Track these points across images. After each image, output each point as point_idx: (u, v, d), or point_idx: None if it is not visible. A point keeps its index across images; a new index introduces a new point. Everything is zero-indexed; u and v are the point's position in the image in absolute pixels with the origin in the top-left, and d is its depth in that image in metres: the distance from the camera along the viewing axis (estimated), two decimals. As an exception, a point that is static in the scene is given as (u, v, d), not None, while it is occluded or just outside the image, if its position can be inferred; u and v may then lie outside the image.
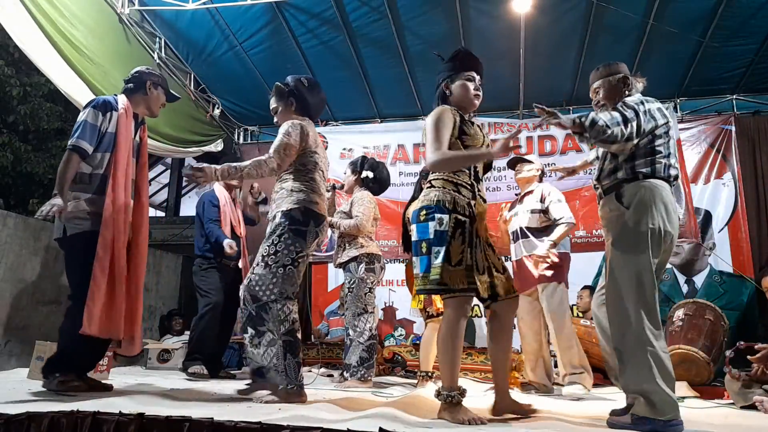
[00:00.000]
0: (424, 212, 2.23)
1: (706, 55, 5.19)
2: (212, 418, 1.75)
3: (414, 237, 2.27)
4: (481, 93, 2.42)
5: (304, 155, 2.69)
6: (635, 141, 2.17)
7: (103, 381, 2.87)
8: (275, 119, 2.86)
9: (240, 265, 4.17)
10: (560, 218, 3.49)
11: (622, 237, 2.16)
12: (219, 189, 4.19)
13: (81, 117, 2.68)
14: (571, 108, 6.06)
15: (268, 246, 2.57)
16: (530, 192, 3.69)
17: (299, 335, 2.55)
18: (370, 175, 3.86)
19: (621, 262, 2.15)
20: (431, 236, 2.18)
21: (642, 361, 2.01)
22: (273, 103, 2.86)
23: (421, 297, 3.62)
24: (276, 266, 2.53)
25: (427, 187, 2.31)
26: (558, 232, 3.47)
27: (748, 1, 4.64)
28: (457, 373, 2.16)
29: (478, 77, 2.42)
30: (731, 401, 2.91)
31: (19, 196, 7.18)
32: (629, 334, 2.06)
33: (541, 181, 3.80)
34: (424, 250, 2.20)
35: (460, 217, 2.20)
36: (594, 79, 2.46)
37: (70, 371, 2.56)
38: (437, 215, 2.19)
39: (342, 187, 4.04)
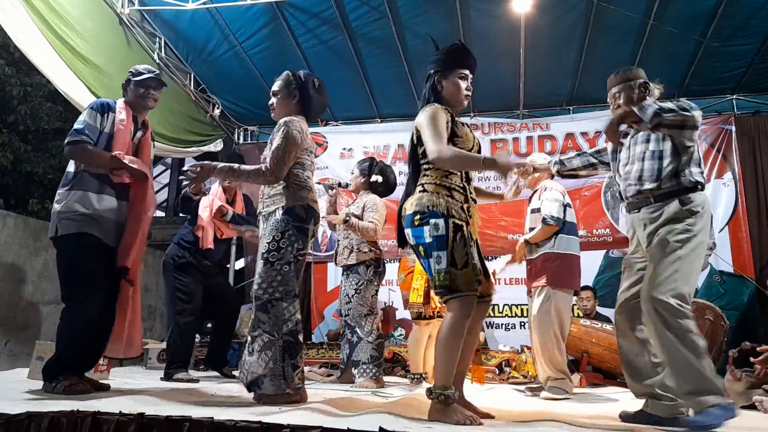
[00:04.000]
0: (417, 217, 2.19)
1: (706, 55, 5.19)
2: (212, 418, 1.75)
3: (410, 241, 2.25)
4: (470, 93, 2.36)
5: (302, 153, 2.62)
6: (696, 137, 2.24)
7: (101, 381, 2.87)
8: (271, 102, 2.76)
9: (237, 266, 4.10)
10: (543, 216, 3.36)
11: (690, 247, 2.18)
12: (215, 189, 4.01)
13: (80, 118, 2.71)
14: (571, 108, 6.08)
15: (269, 243, 2.48)
16: (536, 190, 3.58)
17: (301, 337, 2.47)
18: (380, 179, 3.86)
19: (686, 274, 2.16)
20: (427, 240, 2.15)
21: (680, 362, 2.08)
22: (276, 87, 2.76)
23: (421, 291, 3.62)
24: (280, 263, 2.46)
25: (420, 191, 2.25)
26: (535, 231, 3.38)
27: (749, 1, 4.63)
28: (453, 372, 2.11)
29: (470, 76, 2.36)
30: (731, 401, 2.91)
31: (19, 196, 7.19)
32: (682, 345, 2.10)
33: (552, 178, 3.56)
34: (422, 253, 2.19)
35: (456, 221, 2.16)
36: (612, 84, 2.45)
37: (73, 374, 2.54)
38: (432, 220, 2.15)
39: (347, 185, 4.01)
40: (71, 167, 2.70)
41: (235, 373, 4.12)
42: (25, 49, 3.78)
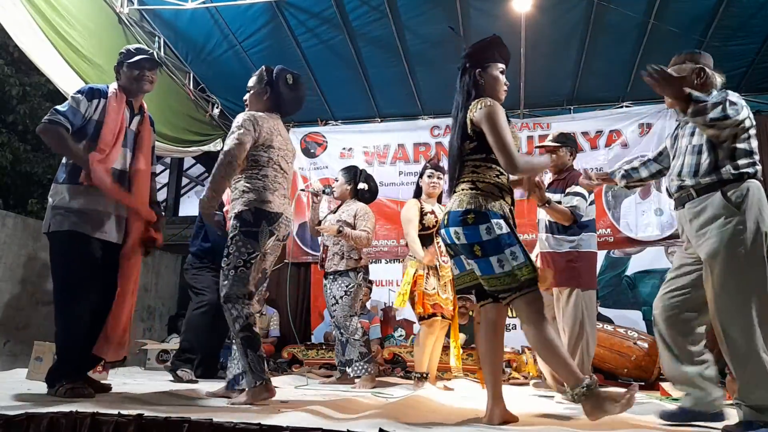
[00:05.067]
0: (471, 216, 2.09)
1: (706, 55, 5.18)
2: (211, 419, 1.74)
3: (457, 240, 2.13)
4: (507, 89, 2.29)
5: (256, 150, 2.59)
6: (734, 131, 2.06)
7: (101, 381, 2.85)
8: (245, 98, 2.78)
9: None
10: (569, 205, 3.14)
11: (737, 242, 2.02)
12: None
13: (66, 102, 2.59)
14: (571, 108, 6.07)
15: (224, 250, 2.57)
16: (558, 179, 3.35)
17: (256, 329, 2.54)
18: (366, 187, 3.97)
19: (738, 270, 2.03)
20: (486, 238, 2.06)
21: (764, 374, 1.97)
22: (250, 83, 2.78)
23: (406, 297, 3.56)
24: (228, 268, 2.53)
25: (470, 188, 2.15)
26: (561, 208, 3.10)
27: (749, 1, 4.63)
28: (573, 364, 2.07)
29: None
30: (732, 402, 2.90)
31: (18, 196, 7.17)
32: (753, 348, 2.00)
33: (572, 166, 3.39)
34: (479, 252, 2.08)
35: (510, 223, 2.13)
36: (671, 64, 2.37)
37: (76, 377, 2.51)
38: (493, 220, 2.07)
39: (332, 192, 4.05)
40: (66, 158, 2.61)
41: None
42: (25, 48, 3.77)
